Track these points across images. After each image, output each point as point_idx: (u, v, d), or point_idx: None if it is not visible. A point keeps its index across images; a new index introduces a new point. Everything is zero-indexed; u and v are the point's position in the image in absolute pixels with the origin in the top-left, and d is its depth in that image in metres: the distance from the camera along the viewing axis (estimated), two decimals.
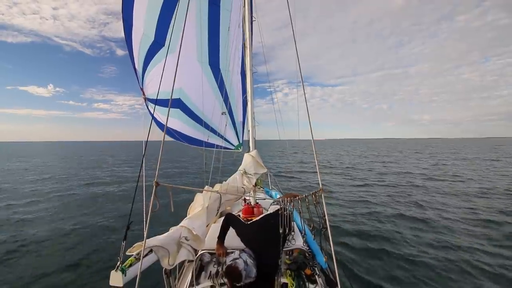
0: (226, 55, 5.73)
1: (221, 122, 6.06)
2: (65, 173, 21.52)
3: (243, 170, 3.75)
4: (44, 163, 30.93)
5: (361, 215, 8.56)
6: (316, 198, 2.25)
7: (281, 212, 2.30)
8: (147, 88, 5.63)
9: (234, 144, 6.45)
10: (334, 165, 25.41)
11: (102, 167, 25.19)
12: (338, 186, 14.00)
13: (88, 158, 39.52)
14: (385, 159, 31.65)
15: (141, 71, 5.51)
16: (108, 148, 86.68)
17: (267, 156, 33.48)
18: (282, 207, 2.32)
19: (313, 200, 2.24)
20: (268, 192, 6.09)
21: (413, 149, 58.50)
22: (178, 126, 6.00)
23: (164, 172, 20.55)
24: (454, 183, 14.83)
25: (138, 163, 25.47)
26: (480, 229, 7.21)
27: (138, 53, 5.30)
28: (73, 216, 9.13)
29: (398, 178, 16.57)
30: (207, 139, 6.08)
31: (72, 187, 14.64)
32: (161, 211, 1.98)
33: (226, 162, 5.77)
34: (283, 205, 2.32)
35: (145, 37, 5.11)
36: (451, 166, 23.52)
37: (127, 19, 4.96)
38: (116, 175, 19.61)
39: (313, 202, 2.25)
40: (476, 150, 50.69)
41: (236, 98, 6.20)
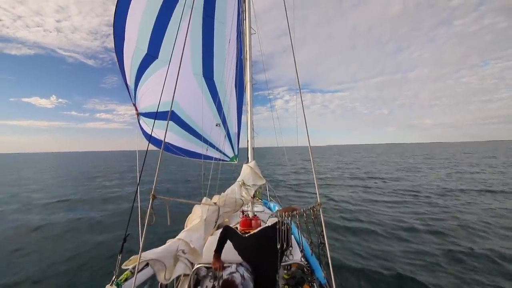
0: (221, 66, 5.75)
1: (216, 134, 6.01)
2: (58, 183, 21.24)
3: (241, 181, 3.73)
4: (42, 173, 30.60)
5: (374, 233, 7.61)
6: (314, 212, 2.24)
7: (279, 227, 2.26)
8: (139, 102, 5.59)
9: (230, 155, 6.38)
10: (345, 173, 23.51)
11: (100, 177, 24.72)
12: (347, 198, 12.46)
13: (85, 168, 38.63)
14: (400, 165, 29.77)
15: (133, 86, 5.48)
16: (109, 157, 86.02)
17: (267, 165, 33.28)
18: (280, 221, 2.28)
19: (311, 215, 2.23)
20: (267, 204, 6.03)
21: (421, 154, 57.39)
22: (171, 138, 5.93)
23: (161, 180, 20.30)
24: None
25: (136, 174, 25.18)
26: None
27: (130, 68, 5.28)
28: (67, 228, 8.83)
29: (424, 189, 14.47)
30: (205, 151, 6.05)
31: (66, 198, 14.20)
32: (158, 222, 1.96)
33: (225, 170, 5.74)
34: (281, 219, 2.28)
35: (137, 50, 5.11)
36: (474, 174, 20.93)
37: (119, 34, 4.98)
38: (114, 186, 19.24)
39: (311, 217, 2.24)
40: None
41: (231, 110, 6.18)
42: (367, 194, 13.58)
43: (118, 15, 4.81)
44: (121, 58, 5.23)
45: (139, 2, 4.75)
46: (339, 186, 16.43)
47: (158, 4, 4.83)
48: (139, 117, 5.67)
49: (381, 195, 13.22)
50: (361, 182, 17.82)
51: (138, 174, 2.57)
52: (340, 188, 15.71)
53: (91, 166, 43.73)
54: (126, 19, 4.86)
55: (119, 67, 5.33)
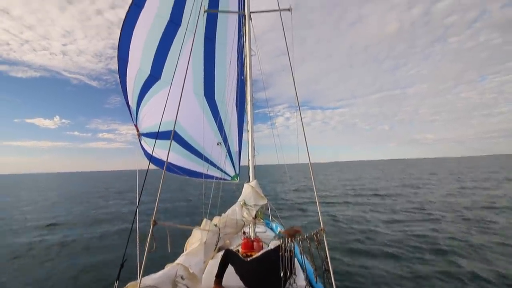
0: (222, 86, 5.86)
1: (217, 153, 6.00)
2: (53, 203, 20.85)
3: (242, 201, 3.65)
4: (38, 195, 30.12)
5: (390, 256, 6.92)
6: (317, 238, 2.15)
7: (281, 254, 2.16)
8: (141, 123, 5.64)
9: (231, 174, 6.33)
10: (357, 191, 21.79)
11: (97, 197, 24.25)
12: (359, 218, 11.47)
13: (84, 189, 37.98)
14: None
15: (135, 107, 5.55)
16: (109, 177, 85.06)
17: (269, 183, 32.87)
18: (283, 248, 2.18)
19: (314, 241, 2.14)
20: (269, 224, 5.88)
21: (425, 169, 55.16)
22: (172, 158, 5.90)
23: (161, 199, 19.64)
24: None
25: (135, 195, 24.57)
26: None
27: (132, 89, 5.38)
28: (59, 250, 8.52)
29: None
30: (206, 171, 6.00)
31: (59, 220, 13.83)
32: (157, 245, 1.90)
33: (226, 189, 5.65)
34: (283, 245, 2.18)
35: (140, 72, 5.24)
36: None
37: (123, 57, 5.13)
38: (111, 206, 18.81)
39: (315, 243, 2.14)
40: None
41: (232, 128, 6.22)
42: (376, 213, 12.63)
43: (123, 38, 4.99)
44: (124, 80, 5.36)
45: (143, 26, 4.93)
46: (345, 204, 15.80)
47: (162, 28, 5.02)
48: (141, 137, 5.70)
49: (390, 214, 12.43)
50: (367, 199, 17.15)
51: (137, 196, 2.52)
52: (345, 206, 15.14)
53: (91, 186, 43.10)
54: (130, 42, 5.03)
55: (122, 88, 5.45)
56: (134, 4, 4.72)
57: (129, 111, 5.63)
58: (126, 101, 5.54)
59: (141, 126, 5.70)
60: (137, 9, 4.76)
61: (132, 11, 4.77)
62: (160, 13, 4.89)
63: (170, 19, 4.97)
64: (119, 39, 5.00)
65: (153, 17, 4.88)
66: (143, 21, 4.88)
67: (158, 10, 4.85)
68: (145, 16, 4.84)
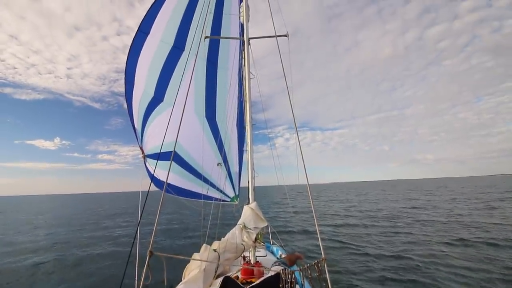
0: (223, 108, 5.96)
1: (217, 174, 5.97)
2: (36, 227, 20.14)
3: (242, 224, 3.57)
4: (36, 215, 29.22)
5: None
6: (318, 268, 2.06)
7: (282, 286, 2.06)
8: (146, 145, 5.70)
9: (230, 195, 6.26)
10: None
11: (93, 223, 23.03)
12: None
13: (78, 211, 36.84)
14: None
15: (140, 130, 5.64)
16: (106, 199, 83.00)
17: (269, 204, 32.25)
18: (283, 279, 2.07)
19: (315, 271, 2.04)
20: (269, 248, 5.70)
21: (430, 189, 53.90)
22: (173, 179, 5.87)
23: (158, 221, 19.00)
24: None
25: (134, 218, 23.79)
26: None
27: (137, 111, 5.51)
28: (47, 282, 7.96)
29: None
30: (206, 192, 5.94)
31: (52, 244, 13.22)
32: (154, 275, 1.82)
33: (225, 210, 5.53)
34: (284, 276, 2.07)
35: (145, 94, 5.38)
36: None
37: (129, 80, 5.30)
38: (107, 230, 17.99)
39: (316, 274, 2.03)
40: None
41: (232, 149, 6.24)
42: (387, 239, 11.46)
43: (130, 63, 5.18)
44: (130, 102, 5.50)
45: (148, 51, 5.12)
46: (349, 227, 15.09)
47: (166, 53, 5.21)
48: (146, 159, 5.71)
49: (402, 240, 11.14)
50: (375, 222, 16.20)
51: (138, 221, 2.46)
52: (350, 229, 14.40)
53: (84, 209, 41.58)
54: (136, 66, 5.21)
55: (128, 111, 5.58)
56: (140, 31, 4.94)
57: (135, 133, 5.72)
58: (132, 123, 5.63)
59: (146, 147, 5.75)
60: (143, 35, 4.98)
61: (138, 37, 4.99)
62: (164, 39, 5.10)
63: (174, 45, 5.17)
64: (126, 63, 5.20)
65: (157, 43, 5.08)
66: (148, 46, 5.08)
67: (162, 36, 5.06)
68: (150, 42, 5.05)
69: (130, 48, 5.08)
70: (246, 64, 4.05)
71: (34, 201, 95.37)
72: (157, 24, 4.94)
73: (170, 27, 5.06)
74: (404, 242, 10.95)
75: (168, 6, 4.89)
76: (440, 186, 55.51)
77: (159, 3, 4.82)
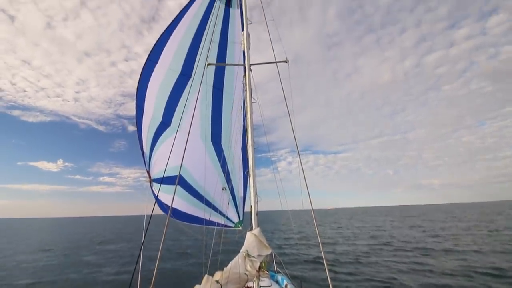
0: (228, 132, 6.03)
1: (222, 198, 5.90)
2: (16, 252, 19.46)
3: (245, 252, 3.42)
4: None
5: None
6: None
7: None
8: (153, 168, 5.75)
9: (235, 221, 6.13)
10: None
11: (91, 248, 21.88)
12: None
13: (77, 236, 35.57)
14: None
15: (148, 153, 5.73)
16: (105, 223, 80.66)
17: (274, 230, 31.09)
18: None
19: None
20: (274, 277, 5.42)
21: (443, 216, 49.62)
22: (178, 204, 5.81)
23: (157, 247, 17.73)
24: None
25: (131, 244, 22.93)
26: None
27: (146, 135, 5.64)
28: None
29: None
30: (209, 217, 5.80)
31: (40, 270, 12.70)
32: None
33: (228, 236, 5.34)
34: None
35: (153, 119, 5.53)
36: None
37: (140, 105, 5.49)
38: (102, 258, 16.83)
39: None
40: None
41: (237, 173, 6.21)
42: (409, 276, 9.87)
43: (140, 88, 5.40)
44: (140, 127, 5.65)
45: (157, 79, 5.34)
46: (365, 258, 13.51)
47: (173, 80, 5.41)
48: (152, 183, 5.69)
49: (427, 276, 9.73)
50: (391, 253, 14.40)
51: (140, 251, 2.38)
52: (366, 261, 12.85)
53: (79, 233, 39.98)
54: (146, 92, 5.42)
55: (138, 135, 5.71)
56: (150, 60, 5.20)
57: (143, 157, 5.79)
58: (141, 147, 5.72)
59: (153, 172, 5.77)
60: (152, 64, 5.23)
61: (148, 65, 5.24)
62: (172, 67, 5.32)
63: (181, 72, 5.38)
64: (136, 90, 5.43)
65: (166, 70, 5.31)
66: (157, 74, 5.30)
67: (170, 64, 5.30)
68: (159, 70, 5.28)
69: (141, 76, 5.31)
70: (248, 89, 4.15)
71: (33, 224, 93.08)
72: (166, 53, 5.19)
73: (177, 56, 5.30)
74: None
75: (176, 36, 5.16)
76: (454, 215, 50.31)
77: (167, 33, 5.10)
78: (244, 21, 4.31)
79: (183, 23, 5.08)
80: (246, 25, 4.27)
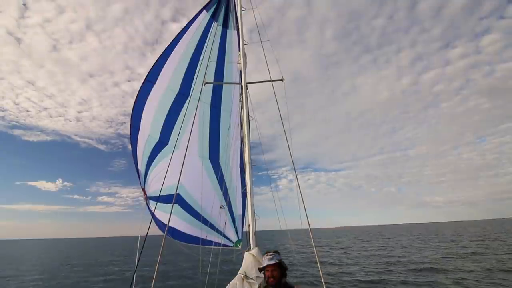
0: (226, 150, 6.01)
1: (220, 216, 5.78)
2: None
3: (243, 274, 3.30)
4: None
5: None
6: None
7: None
8: (149, 187, 5.69)
9: (233, 240, 5.97)
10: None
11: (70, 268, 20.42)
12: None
13: (59, 259, 32.91)
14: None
15: (143, 171, 5.69)
16: (100, 245, 77.38)
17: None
18: None
19: None
20: None
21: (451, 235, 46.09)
22: (175, 222, 5.68)
23: (152, 267, 16.79)
24: None
25: (125, 265, 21.80)
26: None
27: (142, 154, 5.62)
28: None
29: None
30: (206, 236, 5.63)
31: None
32: None
33: (226, 255, 5.14)
34: None
35: (150, 138, 5.54)
36: None
37: (135, 125, 5.51)
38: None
39: None
40: None
41: (236, 191, 6.12)
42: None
43: (136, 109, 5.43)
44: (135, 145, 5.65)
45: (154, 99, 5.38)
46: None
47: (171, 99, 5.47)
48: (148, 201, 5.60)
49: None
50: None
51: (134, 273, 2.30)
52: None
53: (67, 258, 36.23)
54: (142, 112, 5.45)
55: (132, 153, 5.70)
56: (148, 81, 5.27)
57: (138, 175, 5.75)
58: (135, 165, 5.69)
59: (149, 190, 5.70)
60: (150, 84, 5.30)
61: (145, 86, 5.30)
62: (170, 87, 5.40)
63: (179, 91, 5.45)
64: (132, 109, 5.46)
65: (164, 90, 5.37)
66: (155, 94, 5.36)
67: (169, 84, 5.37)
68: (157, 90, 5.34)
69: (137, 96, 5.37)
70: (244, 107, 4.19)
71: (27, 245, 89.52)
72: (164, 73, 5.27)
73: (176, 76, 5.39)
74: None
75: (174, 56, 5.26)
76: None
77: (166, 54, 5.21)
78: (241, 41, 4.45)
79: (181, 43, 5.21)
80: (243, 45, 4.41)
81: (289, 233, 5.46)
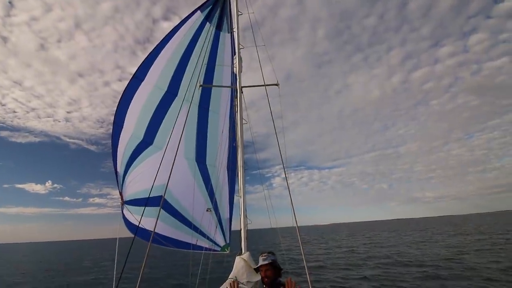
0: (214, 151, 5.88)
1: (206, 220, 5.63)
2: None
3: (234, 278, 3.26)
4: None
5: None
6: None
7: None
8: (126, 190, 5.43)
9: (221, 244, 5.85)
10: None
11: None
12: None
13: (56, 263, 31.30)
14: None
15: (122, 173, 5.42)
16: (91, 247, 75.08)
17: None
18: None
19: None
20: None
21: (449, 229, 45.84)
22: (159, 227, 5.34)
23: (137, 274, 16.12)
24: None
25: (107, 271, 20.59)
26: None
27: (122, 154, 5.35)
28: None
29: None
30: (191, 240, 5.47)
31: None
32: None
33: (216, 260, 5.06)
34: None
35: (133, 138, 5.30)
36: None
37: (118, 123, 5.25)
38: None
39: None
40: None
41: (223, 194, 5.99)
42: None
43: (121, 106, 5.18)
44: (116, 145, 5.35)
45: (141, 96, 5.18)
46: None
47: (159, 98, 5.28)
48: (123, 206, 5.34)
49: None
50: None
51: (115, 276, 2.23)
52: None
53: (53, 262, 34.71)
54: (127, 110, 5.21)
55: (112, 154, 5.38)
56: (136, 77, 5.06)
57: (116, 177, 5.45)
58: (114, 167, 5.41)
59: (126, 193, 5.41)
60: (137, 81, 5.10)
61: (132, 83, 5.10)
62: (158, 85, 5.22)
63: (168, 90, 5.28)
64: (117, 106, 5.21)
65: (151, 88, 5.18)
66: (141, 92, 5.16)
67: (157, 82, 5.19)
68: (144, 87, 5.15)
69: (123, 92, 5.15)
70: (239, 111, 4.17)
71: (13, 250, 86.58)
72: (153, 71, 5.10)
73: (165, 74, 5.22)
74: None
75: (164, 55, 5.11)
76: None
77: (156, 51, 5.05)
78: (236, 45, 4.41)
79: (173, 42, 5.08)
80: (238, 49, 4.38)
81: (282, 231, 5.42)
